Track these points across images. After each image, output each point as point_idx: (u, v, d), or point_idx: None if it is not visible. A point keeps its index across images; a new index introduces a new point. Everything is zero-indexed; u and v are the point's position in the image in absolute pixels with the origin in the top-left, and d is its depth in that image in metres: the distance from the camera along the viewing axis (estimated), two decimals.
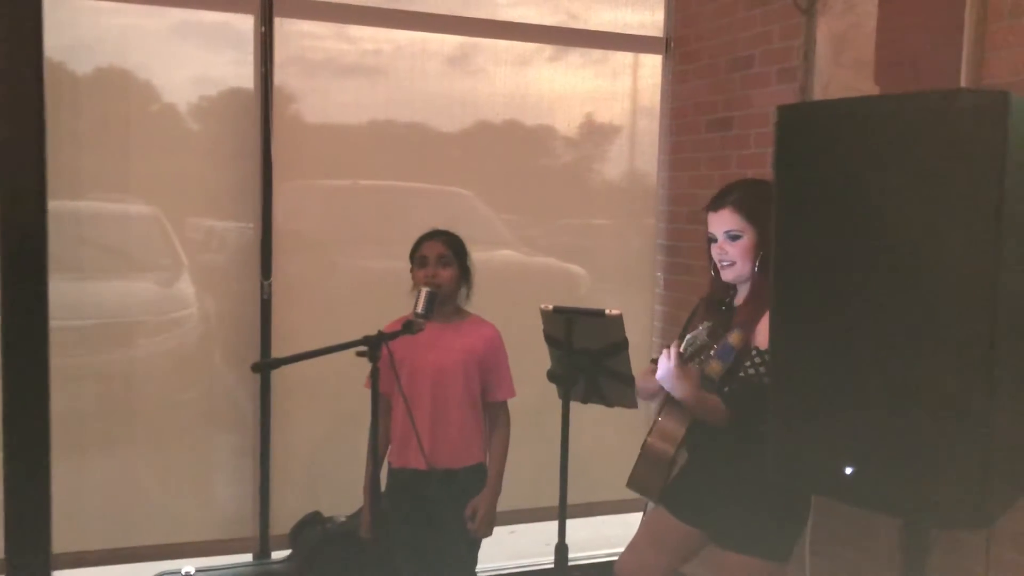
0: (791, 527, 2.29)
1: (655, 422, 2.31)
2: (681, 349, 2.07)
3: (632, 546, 2.50)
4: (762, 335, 2.14)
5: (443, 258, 2.63)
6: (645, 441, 2.30)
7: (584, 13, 3.72)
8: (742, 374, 2.19)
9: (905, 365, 1.63)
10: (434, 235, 2.68)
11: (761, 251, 2.20)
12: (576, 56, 3.73)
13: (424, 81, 3.49)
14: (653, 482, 2.31)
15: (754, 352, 2.19)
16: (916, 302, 1.61)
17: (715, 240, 2.29)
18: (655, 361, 2.29)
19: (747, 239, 2.22)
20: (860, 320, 1.69)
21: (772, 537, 2.23)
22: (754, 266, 2.23)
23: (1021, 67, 2.27)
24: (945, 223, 1.58)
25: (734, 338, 2.20)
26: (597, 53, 3.75)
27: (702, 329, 2.10)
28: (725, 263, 2.27)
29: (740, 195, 2.25)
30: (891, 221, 1.64)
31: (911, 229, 1.61)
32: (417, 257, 2.66)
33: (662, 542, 2.42)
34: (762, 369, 2.15)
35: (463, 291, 2.72)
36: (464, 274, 2.70)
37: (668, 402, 2.30)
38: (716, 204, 2.28)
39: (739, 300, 2.33)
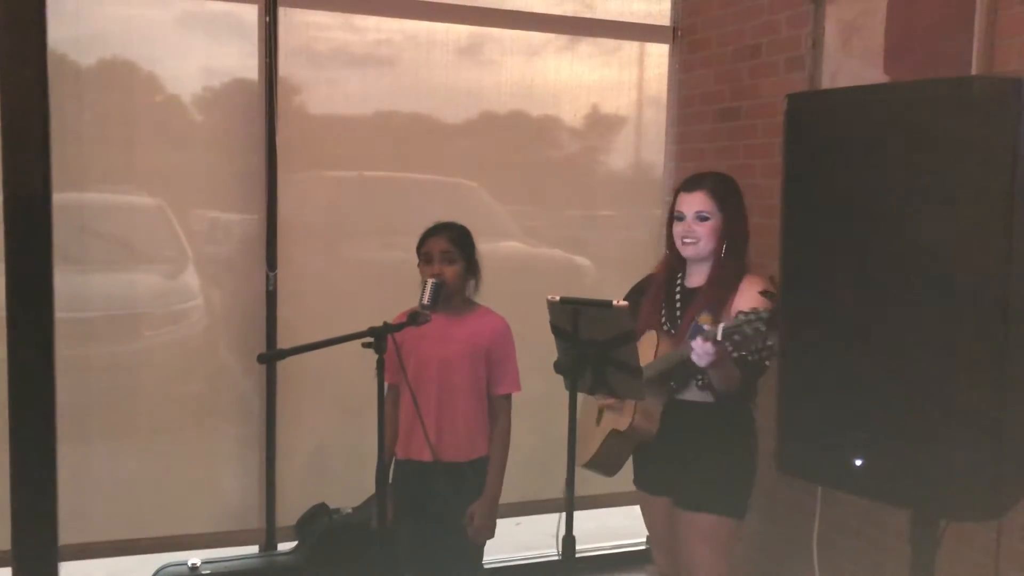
0: (742, 484, 2.45)
1: (633, 404, 2.37)
2: (719, 337, 2.10)
3: (656, 546, 2.73)
4: (741, 300, 2.30)
5: (447, 255, 2.60)
6: (631, 423, 2.37)
7: (591, 2, 3.70)
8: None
9: (916, 356, 1.61)
10: (438, 230, 2.64)
11: (727, 235, 2.40)
12: (582, 46, 3.71)
13: (429, 72, 3.47)
14: (617, 459, 2.49)
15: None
16: (926, 292, 1.60)
17: (682, 219, 2.45)
18: None
19: (714, 222, 2.41)
20: (869, 311, 1.68)
21: (726, 495, 2.40)
22: (719, 248, 2.41)
23: None
24: (956, 211, 1.56)
25: (704, 319, 2.33)
26: (604, 43, 3.73)
27: (760, 315, 2.03)
28: (689, 240, 2.43)
29: (713, 182, 2.45)
30: (901, 211, 1.62)
31: (922, 218, 1.60)
32: (422, 253, 2.63)
33: (670, 527, 2.54)
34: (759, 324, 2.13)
35: (471, 283, 2.70)
36: (471, 267, 2.67)
37: (651, 382, 2.34)
38: (691, 186, 2.46)
39: (694, 282, 2.47)
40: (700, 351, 2.15)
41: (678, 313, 2.47)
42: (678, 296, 2.50)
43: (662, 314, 2.51)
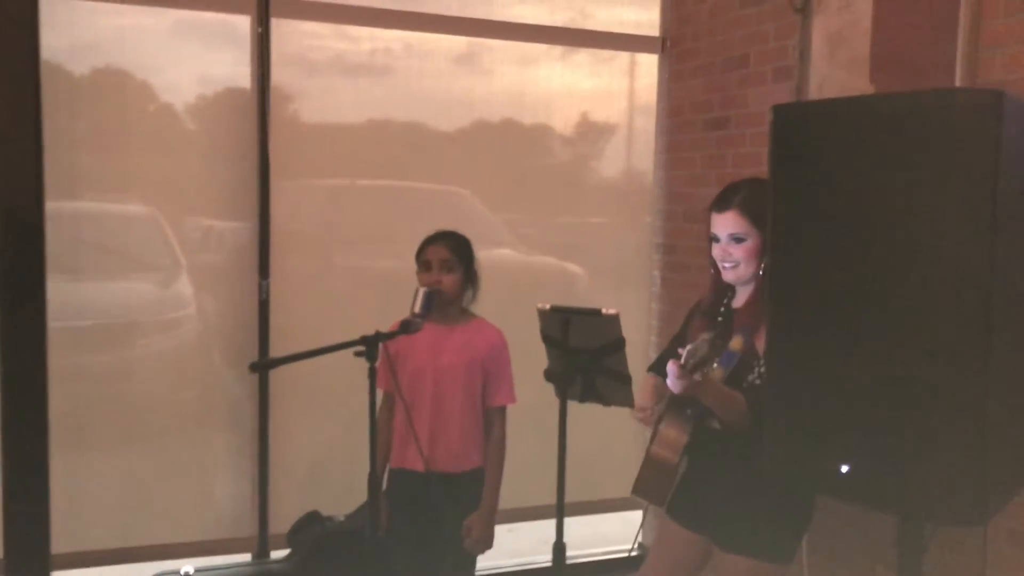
0: (792, 529, 2.26)
1: (656, 431, 2.27)
2: (682, 362, 1.99)
3: (649, 565, 2.48)
4: None
5: (447, 263, 2.61)
6: (649, 450, 2.25)
7: (580, 13, 3.73)
8: (756, 380, 2.15)
9: (901, 363, 1.63)
10: (438, 238, 2.65)
11: (765, 254, 2.14)
12: (574, 56, 3.74)
13: (421, 81, 3.49)
14: (660, 489, 2.27)
15: (763, 356, 2.11)
16: (912, 300, 1.62)
17: (718, 240, 2.24)
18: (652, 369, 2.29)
19: (751, 242, 2.18)
20: (856, 318, 1.69)
21: (773, 539, 2.21)
22: (758, 269, 2.19)
23: (1016, 65, 2.28)
24: (940, 221, 1.58)
25: (735, 343, 2.15)
26: (595, 52, 3.76)
27: (704, 341, 2.02)
28: (728, 264, 2.23)
29: (746, 196, 2.20)
30: (886, 220, 1.64)
31: (906, 228, 1.62)
32: (422, 261, 2.64)
33: (677, 556, 2.41)
34: None
35: (469, 293, 2.71)
36: (469, 277, 2.68)
37: (669, 410, 2.28)
38: (722, 205, 2.22)
39: (738, 303, 2.29)
40: (670, 374, 2.00)
41: None
42: (721, 319, 2.30)
43: None
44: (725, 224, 2.21)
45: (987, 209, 1.55)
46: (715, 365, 2.08)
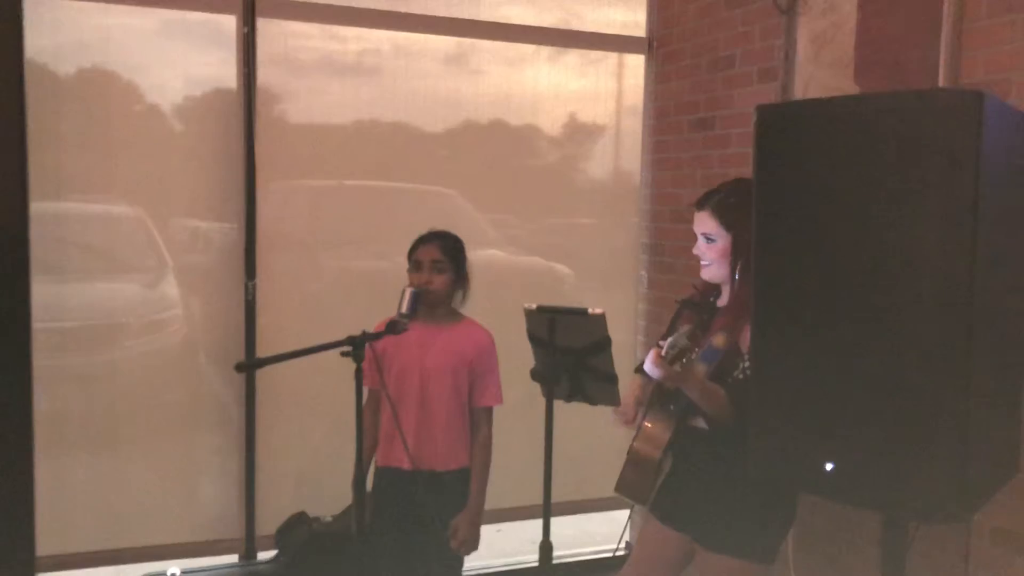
0: (775, 529, 2.27)
1: (639, 427, 2.29)
2: (663, 352, 2.03)
3: (632, 563, 2.49)
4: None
5: (437, 264, 2.61)
6: (631, 446, 2.27)
7: (569, 14, 3.74)
8: (740, 375, 2.16)
9: (884, 362, 1.65)
10: (430, 239, 2.65)
11: (740, 256, 2.18)
12: (561, 56, 3.75)
13: (409, 81, 3.49)
14: (642, 486, 2.29)
15: (747, 354, 2.15)
16: (894, 300, 1.63)
17: (697, 239, 2.29)
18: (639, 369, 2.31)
19: (721, 244, 2.21)
20: (839, 318, 1.71)
21: (755, 539, 2.21)
22: (732, 270, 2.22)
23: (997, 66, 2.30)
24: (922, 221, 1.60)
25: (718, 340, 2.17)
26: (583, 53, 3.77)
27: (683, 332, 2.06)
28: (704, 263, 2.28)
29: (722, 198, 2.24)
30: (869, 219, 1.66)
31: (889, 228, 1.63)
32: (413, 261, 2.64)
33: (660, 554, 2.41)
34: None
35: (459, 294, 2.71)
36: (459, 278, 2.68)
37: (652, 407, 2.30)
38: (699, 204, 2.27)
39: (722, 302, 2.32)
40: (648, 361, 2.04)
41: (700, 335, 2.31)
42: (707, 316, 2.34)
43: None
44: (700, 223, 2.26)
45: (969, 205, 1.57)
46: (693, 356, 2.09)
